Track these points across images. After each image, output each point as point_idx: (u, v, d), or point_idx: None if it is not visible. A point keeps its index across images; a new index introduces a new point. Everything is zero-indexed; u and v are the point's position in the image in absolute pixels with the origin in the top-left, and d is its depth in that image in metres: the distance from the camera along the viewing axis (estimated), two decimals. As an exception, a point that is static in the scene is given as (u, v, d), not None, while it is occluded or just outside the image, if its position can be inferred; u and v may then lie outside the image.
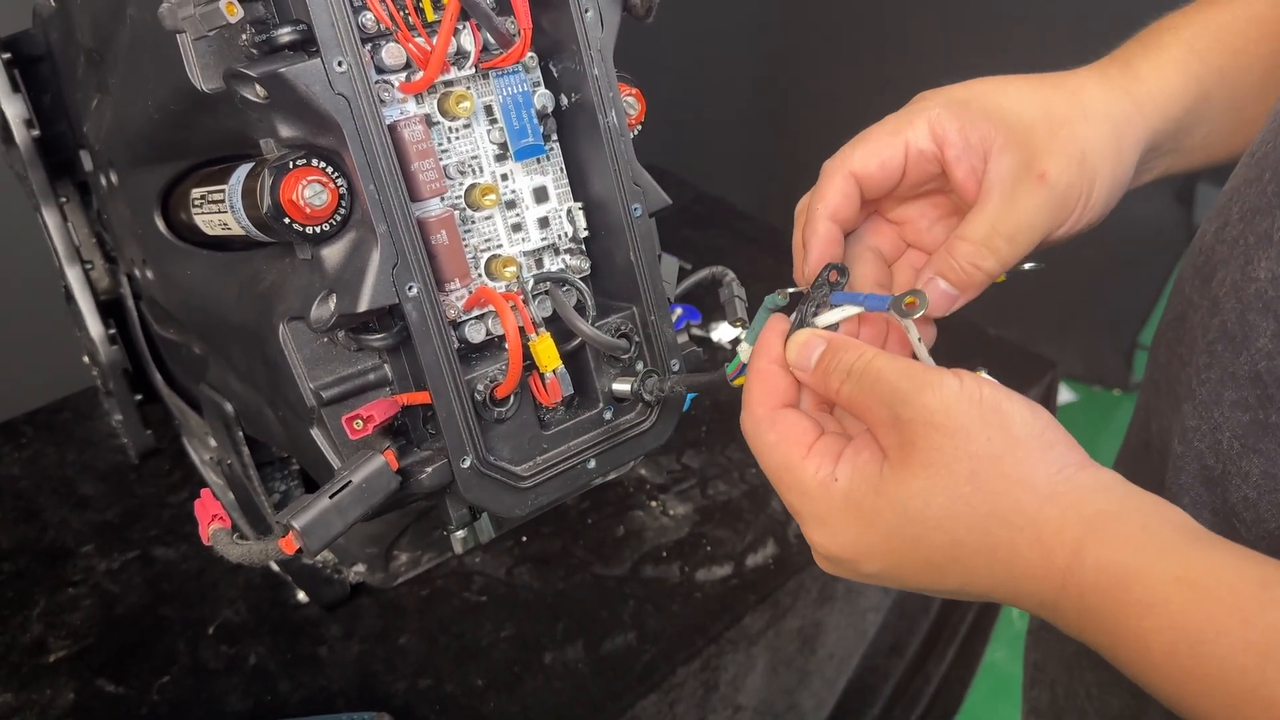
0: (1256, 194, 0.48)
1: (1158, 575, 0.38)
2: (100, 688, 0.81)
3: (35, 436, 1.08)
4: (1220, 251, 0.50)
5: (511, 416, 0.55)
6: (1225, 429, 0.48)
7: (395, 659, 0.83)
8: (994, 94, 0.51)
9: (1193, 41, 0.55)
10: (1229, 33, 0.56)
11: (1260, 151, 0.48)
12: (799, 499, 0.45)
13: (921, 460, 0.41)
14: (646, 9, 0.57)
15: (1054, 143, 0.50)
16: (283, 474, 0.80)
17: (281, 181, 0.47)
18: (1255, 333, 0.46)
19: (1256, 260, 0.46)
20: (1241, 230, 0.48)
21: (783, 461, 0.46)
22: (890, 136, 0.51)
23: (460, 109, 0.52)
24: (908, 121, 0.51)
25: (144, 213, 0.70)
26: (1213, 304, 0.49)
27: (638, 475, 1.02)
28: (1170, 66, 0.54)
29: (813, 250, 0.51)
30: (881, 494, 0.42)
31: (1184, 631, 0.36)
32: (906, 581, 0.44)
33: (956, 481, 0.41)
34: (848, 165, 0.52)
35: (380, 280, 0.49)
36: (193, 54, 0.49)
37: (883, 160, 0.51)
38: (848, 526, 0.43)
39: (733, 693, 0.91)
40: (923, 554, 0.42)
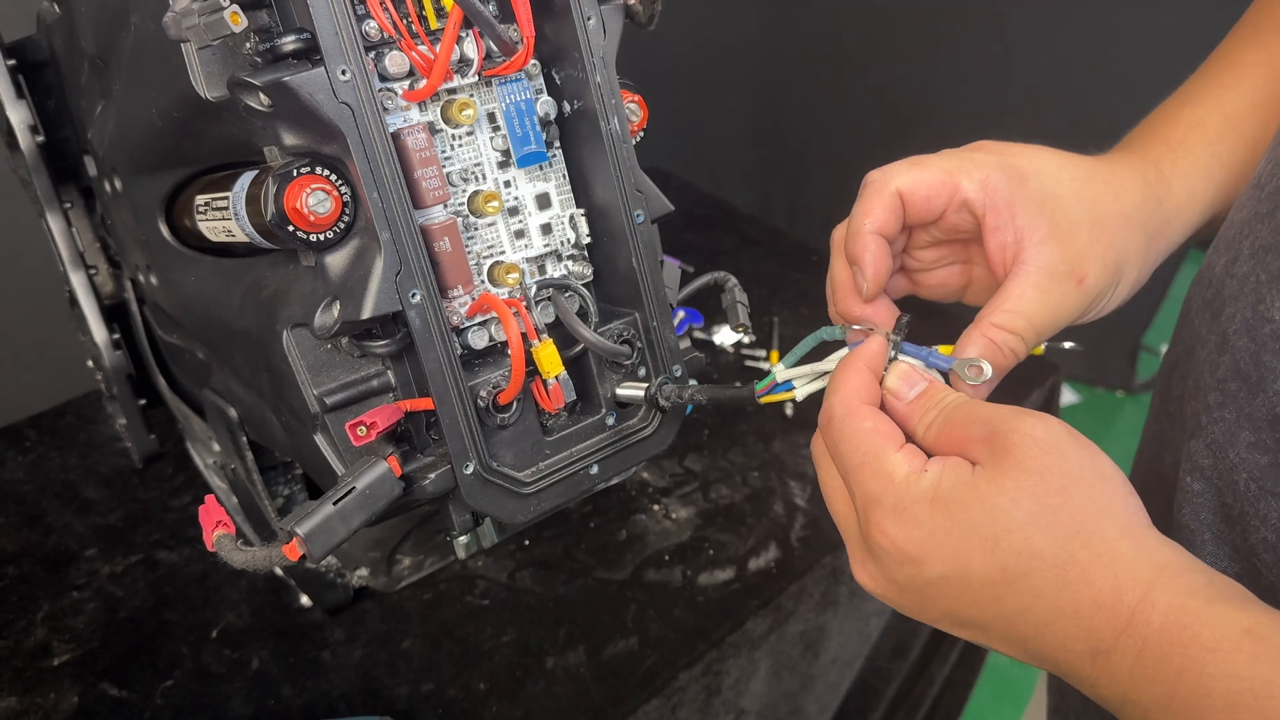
0: (1269, 231, 0.47)
1: (1228, 625, 0.37)
2: (104, 691, 0.81)
3: (39, 440, 1.08)
4: (1230, 287, 0.49)
5: (514, 422, 0.55)
6: (1242, 470, 0.48)
7: (398, 663, 0.83)
8: (1051, 179, 0.51)
9: (1215, 144, 0.56)
10: (1245, 123, 0.57)
11: (1270, 185, 0.48)
12: (882, 485, 0.44)
13: (1016, 463, 0.41)
14: (649, 16, 0.57)
15: (1095, 247, 0.51)
16: (286, 479, 0.80)
17: (285, 189, 0.47)
18: (1272, 375, 0.46)
19: (1270, 299, 0.46)
20: (1252, 267, 0.48)
21: (873, 448, 0.45)
22: (944, 174, 0.51)
23: (463, 116, 0.52)
24: (964, 168, 0.51)
25: (148, 219, 0.70)
26: (1222, 339, 0.49)
27: (640, 479, 1.02)
28: (1198, 175, 0.56)
29: (868, 266, 0.51)
30: (972, 488, 0.42)
31: (1249, 682, 0.36)
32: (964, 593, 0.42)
33: (1048, 490, 0.41)
34: (895, 183, 0.51)
35: (384, 287, 0.49)
36: (197, 62, 0.50)
37: (930, 193, 0.51)
38: (928, 518, 0.42)
39: (735, 697, 0.91)
40: (997, 559, 0.41)
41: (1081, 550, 0.40)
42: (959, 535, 0.42)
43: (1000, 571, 0.41)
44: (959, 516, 0.42)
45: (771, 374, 0.51)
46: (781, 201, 2.45)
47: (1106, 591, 0.40)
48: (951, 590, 0.43)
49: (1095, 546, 0.40)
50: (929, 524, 0.42)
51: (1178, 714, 0.38)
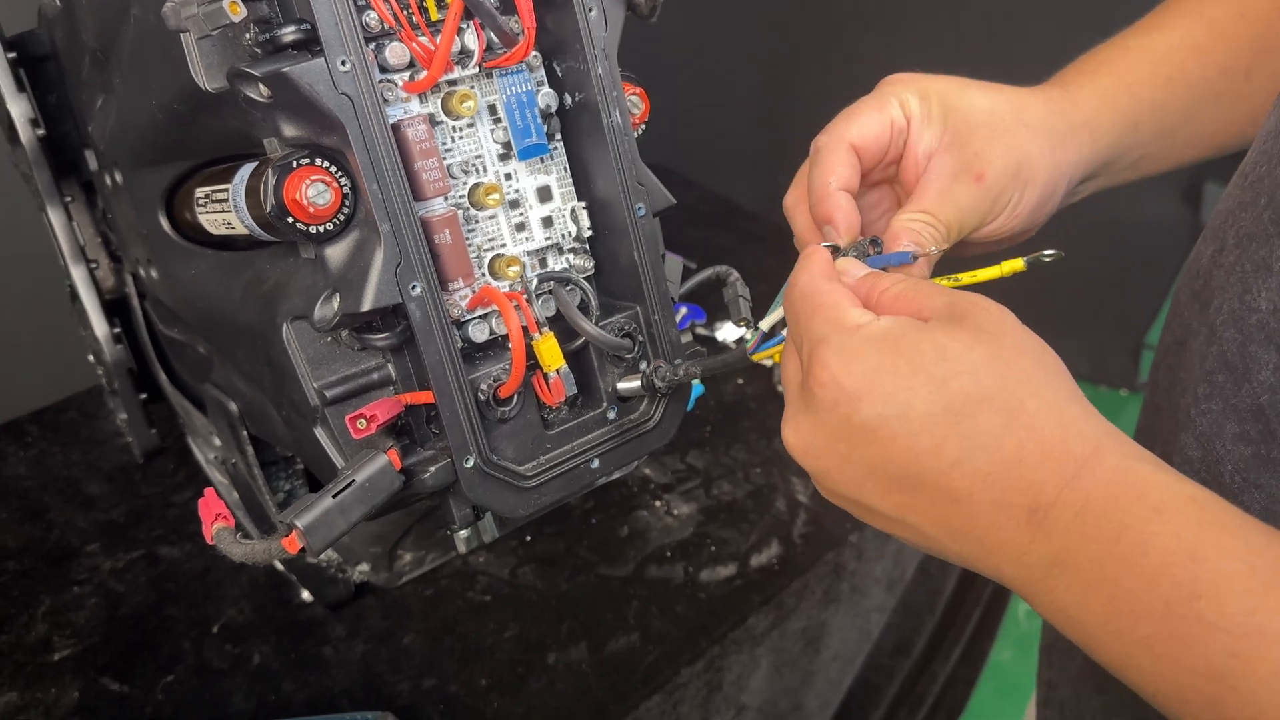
0: (1252, 220, 0.47)
1: (1174, 490, 0.37)
2: (105, 687, 0.81)
3: (40, 436, 1.08)
4: (1217, 277, 0.49)
5: (515, 416, 0.55)
6: (1227, 462, 0.48)
7: (399, 659, 0.83)
8: (954, 95, 0.54)
9: (1124, 75, 0.59)
10: (1163, 64, 0.59)
11: (1255, 174, 0.48)
12: (831, 327, 0.43)
13: (972, 322, 0.41)
14: (650, 8, 0.57)
15: (994, 147, 0.53)
16: (287, 473, 0.80)
17: (285, 181, 0.47)
18: (1257, 365, 0.45)
19: (1256, 289, 0.46)
20: (1238, 256, 0.48)
21: (833, 299, 0.44)
22: (877, 112, 0.54)
23: (464, 108, 0.52)
24: (888, 99, 0.54)
25: (148, 212, 0.70)
26: (1210, 331, 0.49)
27: (642, 475, 1.01)
28: (1100, 98, 0.58)
29: (841, 223, 0.52)
30: (925, 331, 0.41)
31: (1189, 543, 0.36)
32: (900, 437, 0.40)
33: (1002, 346, 0.40)
34: (846, 137, 0.53)
35: (384, 280, 0.49)
36: (196, 53, 0.50)
37: (875, 134, 0.54)
38: (874, 355, 0.41)
39: (736, 693, 0.91)
40: (943, 397, 0.40)
41: (1031, 399, 0.40)
42: (905, 372, 0.40)
43: (944, 411, 0.40)
44: (907, 355, 0.41)
45: (757, 329, 0.51)
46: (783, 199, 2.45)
47: (1055, 442, 0.39)
48: (886, 433, 0.40)
49: (1045, 398, 0.40)
50: (874, 360, 0.41)
51: (1108, 575, 0.37)
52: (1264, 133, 0.49)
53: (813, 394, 0.42)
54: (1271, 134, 0.48)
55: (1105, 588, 0.37)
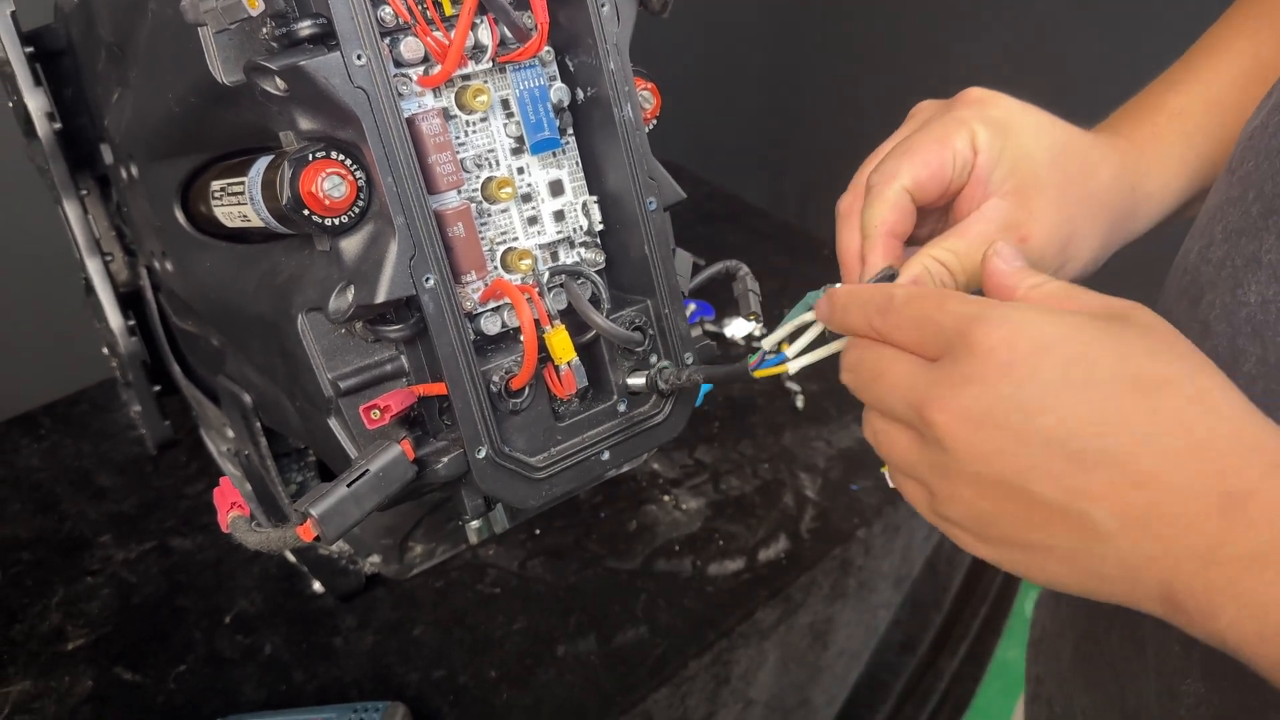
0: (1240, 214, 0.47)
1: None
2: (118, 676, 0.82)
3: (53, 428, 1.09)
4: (1206, 273, 0.49)
5: (526, 408, 0.56)
6: None
7: (409, 650, 0.83)
8: (1030, 137, 0.51)
9: (1193, 135, 0.56)
10: (1226, 112, 0.57)
11: (1242, 170, 0.48)
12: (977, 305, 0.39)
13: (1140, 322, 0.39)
14: (662, 4, 0.57)
15: (1048, 214, 0.50)
16: (300, 465, 0.81)
17: (301, 173, 0.47)
18: (1243, 358, 0.45)
19: (1245, 284, 0.46)
20: (1227, 251, 0.47)
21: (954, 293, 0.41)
22: (939, 147, 0.50)
23: (477, 103, 0.52)
24: (953, 133, 0.50)
25: (164, 205, 0.70)
26: (1204, 328, 0.48)
27: (650, 469, 1.02)
28: (1175, 166, 0.56)
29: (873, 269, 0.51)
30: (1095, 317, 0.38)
31: None
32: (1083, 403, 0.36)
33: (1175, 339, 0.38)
34: (900, 180, 0.51)
35: (398, 272, 0.49)
36: (214, 47, 0.50)
37: (933, 171, 0.51)
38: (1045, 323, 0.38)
39: (744, 687, 0.91)
40: (1129, 368, 0.36)
41: (1216, 391, 0.36)
42: (1086, 340, 0.37)
43: (1133, 383, 0.36)
44: (1084, 327, 0.37)
45: (761, 347, 0.51)
46: (793, 196, 2.45)
47: (1249, 431, 0.35)
48: (1069, 399, 0.36)
49: (1230, 394, 0.37)
50: (1049, 328, 0.37)
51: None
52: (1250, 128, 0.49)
53: (981, 361, 0.38)
54: (1258, 130, 0.48)
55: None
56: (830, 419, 1.09)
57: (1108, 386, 0.36)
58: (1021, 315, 0.38)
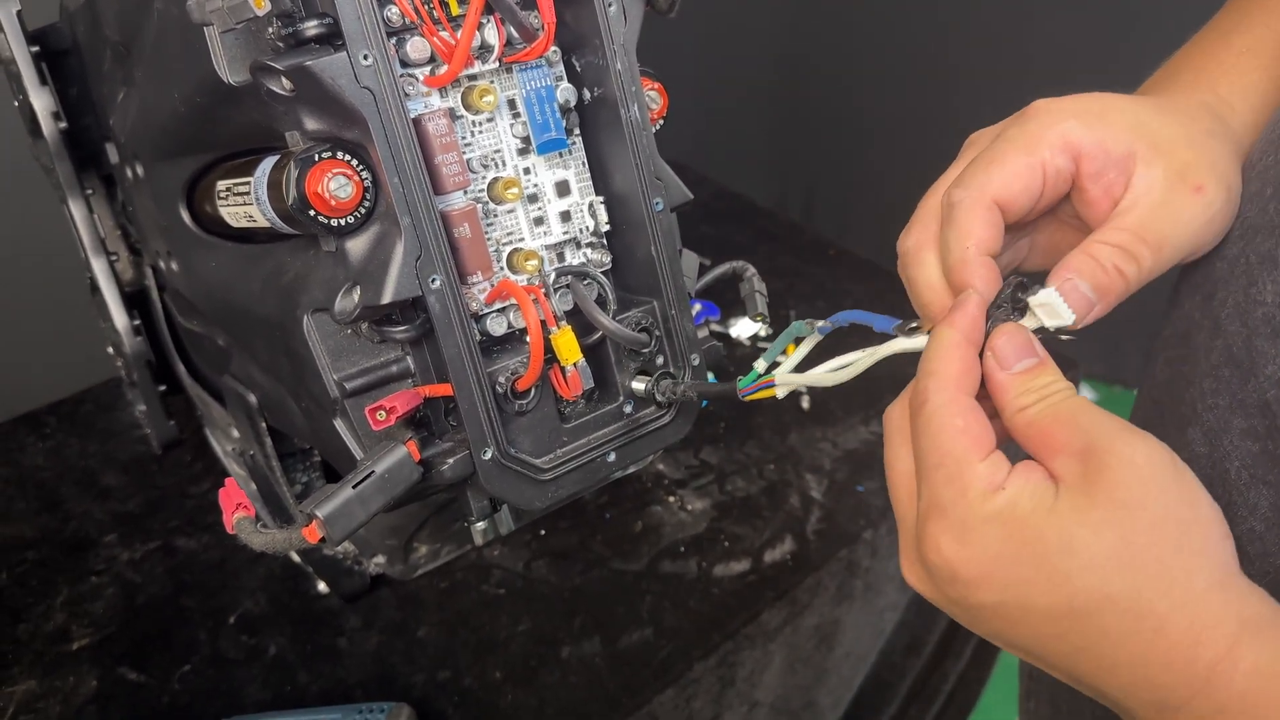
0: (1257, 211, 0.46)
1: None
2: (122, 676, 0.82)
3: (58, 427, 1.09)
4: (1220, 269, 0.48)
5: (532, 409, 0.55)
6: (1234, 457, 0.47)
7: (414, 651, 0.83)
8: (1129, 110, 0.47)
9: (1270, 68, 0.53)
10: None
11: (1261, 165, 0.47)
12: (954, 496, 0.40)
13: (1106, 492, 0.38)
14: (669, 4, 0.57)
15: (1202, 159, 0.46)
16: (304, 465, 0.81)
17: (307, 174, 0.47)
18: (1263, 359, 0.44)
19: (1261, 282, 0.45)
20: (1242, 248, 0.46)
21: (959, 452, 0.41)
22: (1026, 156, 0.46)
23: (484, 103, 0.52)
24: (1039, 137, 0.46)
25: (169, 205, 0.70)
26: (1215, 324, 0.48)
27: (656, 471, 1.02)
28: (1256, 97, 0.52)
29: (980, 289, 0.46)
30: (1052, 514, 0.39)
31: None
32: (1020, 622, 0.39)
33: (1136, 528, 0.38)
34: (988, 194, 0.46)
35: (404, 272, 0.49)
36: (220, 47, 0.50)
37: (1025, 185, 0.46)
38: (994, 542, 0.39)
39: (749, 689, 0.91)
40: (1065, 594, 0.38)
41: (1161, 600, 0.37)
42: (1027, 564, 0.38)
43: (1066, 608, 0.38)
44: (1031, 546, 0.38)
45: (754, 371, 0.50)
46: (799, 196, 2.45)
47: (1182, 648, 0.37)
48: (1006, 617, 0.40)
49: (1176, 596, 0.37)
50: (994, 548, 0.39)
51: None
52: (1271, 122, 0.48)
53: (927, 559, 0.41)
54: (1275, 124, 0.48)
55: None
56: (836, 420, 1.09)
57: (1043, 613, 0.39)
58: (975, 530, 0.39)
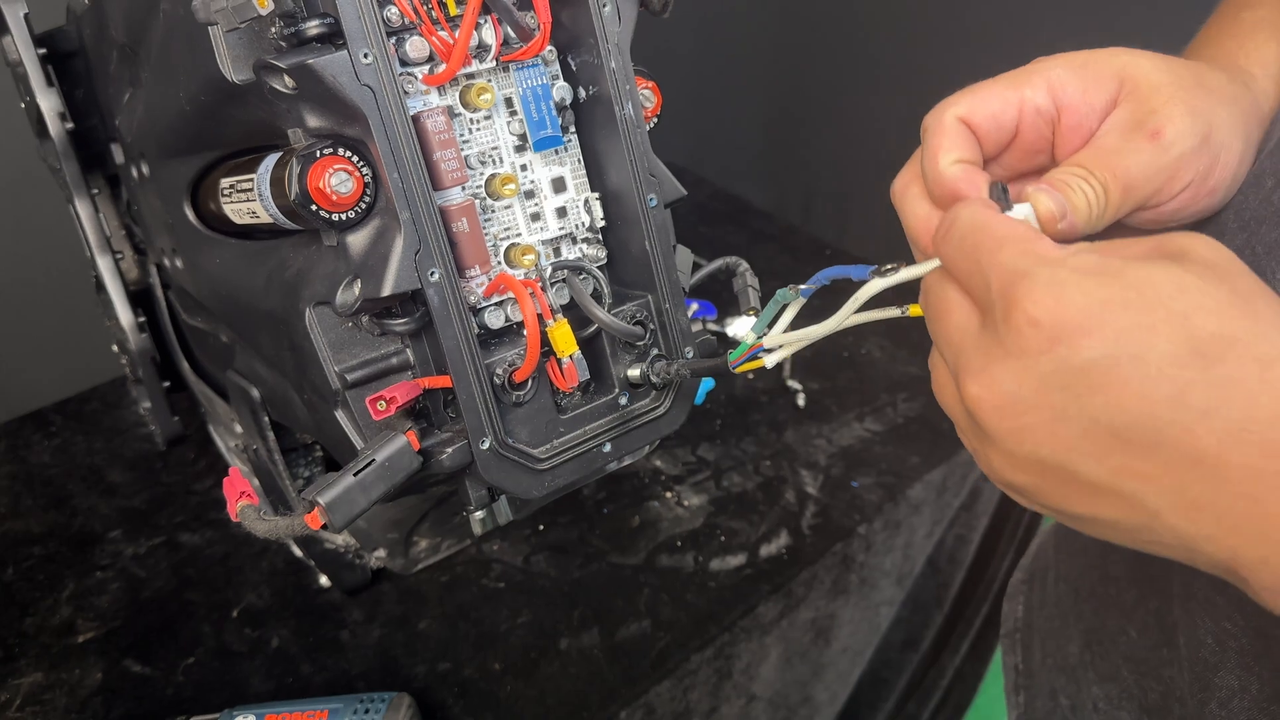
0: (1260, 202, 0.46)
1: None
2: (127, 668, 0.83)
3: (64, 425, 1.10)
4: None
5: (529, 400, 0.57)
6: None
7: (415, 643, 0.84)
8: (1120, 56, 0.46)
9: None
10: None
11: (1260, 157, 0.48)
12: (1026, 257, 0.36)
13: (1199, 259, 0.35)
14: (663, 5, 0.58)
15: (1175, 107, 0.44)
16: (307, 460, 0.82)
17: (309, 170, 0.49)
18: None
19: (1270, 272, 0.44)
20: (1245, 240, 0.46)
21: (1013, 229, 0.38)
22: (1005, 89, 0.45)
23: (481, 101, 0.54)
24: (1025, 79, 0.46)
25: (174, 203, 0.72)
26: None
27: (653, 466, 1.03)
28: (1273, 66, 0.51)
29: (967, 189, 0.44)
30: (1151, 264, 0.35)
31: None
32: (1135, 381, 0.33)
33: (1239, 283, 0.34)
34: (954, 111, 0.46)
35: (403, 266, 0.50)
36: (224, 46, 0.51)
37: (994, 112, 0.45)
38: (1096, 288, 0.34)
39: (746, 681, 0.92)
40: (1187, 336, 0.33)
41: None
42: (1139, 305, 0.33)
43: (1191, 352, 0.33)
44: (1139, 286, 0.34)
45: (743, 344, 0.50)
46: (795, 197, 2.46)
47: None
48: (1117, 377, 0.33)
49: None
50: (1098, 293, 0.34)
51: None
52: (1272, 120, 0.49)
53: (1020, 334, 0.35)
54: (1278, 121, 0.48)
55: None
56: (831, 416, 1.10)
57: (1164, 357, 0.33)
58: (1071, 278, 0.34)
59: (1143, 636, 0.57)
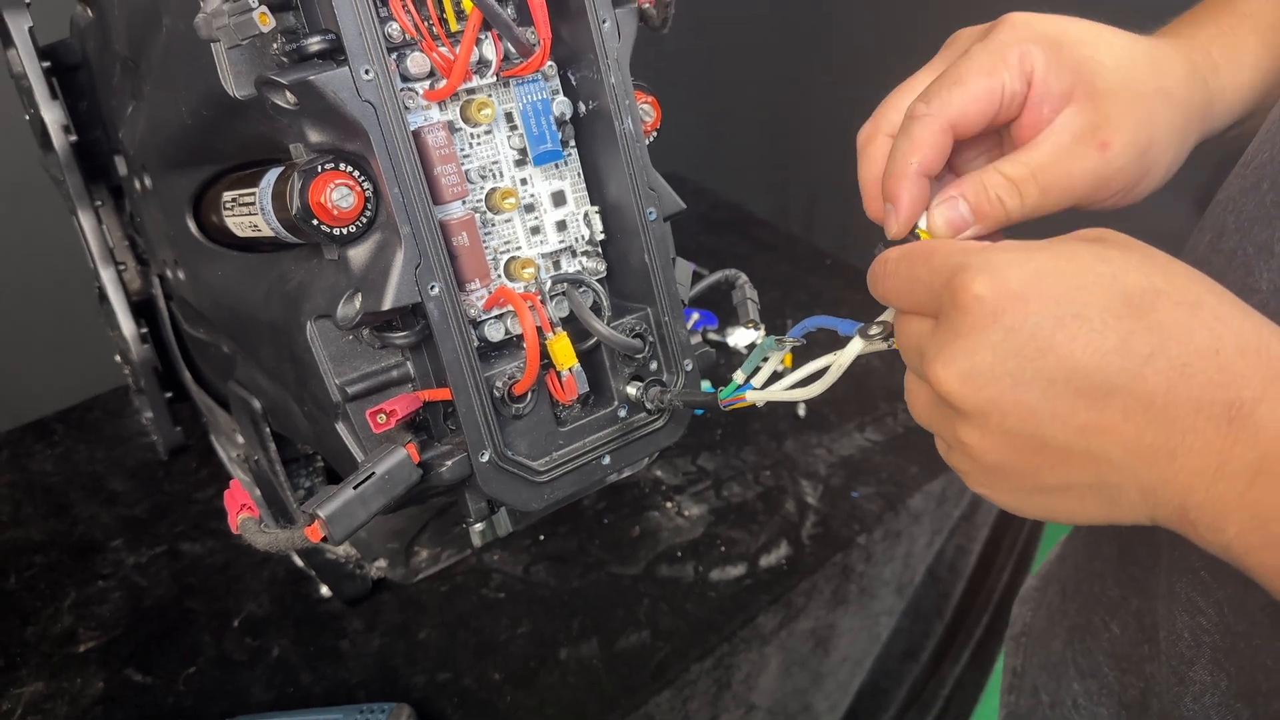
0: (1254, 204, 0.47)
1: None
2: (128, 677, 0.83)
3: (66, 434, 1.11)
4: (1216, 263, 0.49)
5: (529, 413, 0.57)
6: None
7: (415, 653, 0.85)
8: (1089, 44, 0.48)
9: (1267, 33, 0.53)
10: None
11: (1256, 160, 0.48)
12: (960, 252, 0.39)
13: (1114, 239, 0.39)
14: (662, 20, 0.59)
15: (1127, 119, 0.47)
16: (308, 470, 0.82)
17: (310, 184, 0.49)
18: None
19: (1257, 271, 0.46)
20: (1239, 241, 0.47)
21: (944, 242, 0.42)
22: (987, 79, 0.47)
23: (482, 116, 0.54)
24: (1001, 59, 0.47)
25: (176, 215, 0.72)
26: None
27: (653, 476, 1.03)
28: (1247, 61, 0.53)
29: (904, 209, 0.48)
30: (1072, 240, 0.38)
31: None
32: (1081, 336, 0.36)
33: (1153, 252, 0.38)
34: (946, 115, 0.47)
35: (404, 280, 0.51)
36: (226, 62, 0.52)
37: (982, 109, 0.47)
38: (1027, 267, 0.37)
39: (746, 691, 0.92)
40: (1119, 291, 0.36)
41: (1208, 294, 0.36)
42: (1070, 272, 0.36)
43: (1124, 304, 0.36)
44: (1067, 256, 0.37)
45: (733, 382, 0.52)
46: (797, 207, 2.46)
47: (1249, 335, 0.35)
48: (1064, 335, 0.36)
49: (1221, 294, 0.36)
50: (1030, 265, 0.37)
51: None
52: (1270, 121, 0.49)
53: (967, 312, 0.37)
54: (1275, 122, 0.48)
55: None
56: (831, 426, 1.10)
57: (1103, 312, 0.35)
58: (1003, 257, 0.37)
59: (1125, 633, 0.58)
